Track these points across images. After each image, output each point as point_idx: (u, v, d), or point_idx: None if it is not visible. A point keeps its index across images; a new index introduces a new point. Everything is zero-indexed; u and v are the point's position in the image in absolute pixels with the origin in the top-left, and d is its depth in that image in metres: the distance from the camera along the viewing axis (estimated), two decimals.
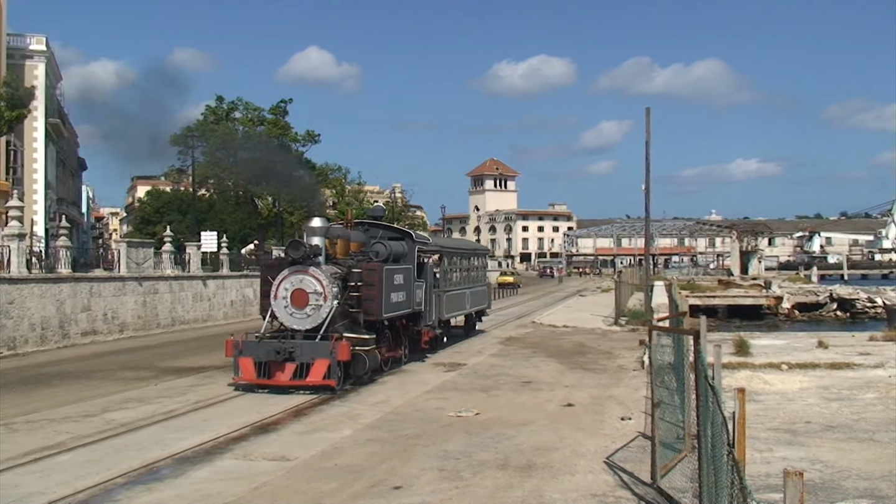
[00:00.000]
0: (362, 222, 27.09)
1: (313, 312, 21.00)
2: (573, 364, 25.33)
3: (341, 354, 20.00)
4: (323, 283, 21.07)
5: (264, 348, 20.42)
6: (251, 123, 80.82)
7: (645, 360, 22.95)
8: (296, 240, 22.26)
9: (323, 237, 22.21)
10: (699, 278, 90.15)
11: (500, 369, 24.25)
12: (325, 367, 19.88)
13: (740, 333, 29.46)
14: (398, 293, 23.67)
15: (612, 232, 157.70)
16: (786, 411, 16.77)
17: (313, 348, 20.23)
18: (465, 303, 32.40)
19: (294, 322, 21.10)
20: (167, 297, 39.38)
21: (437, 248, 28.71)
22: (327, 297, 21.00)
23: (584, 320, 41.14)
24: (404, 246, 25.56)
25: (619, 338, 33.40)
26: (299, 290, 21.06)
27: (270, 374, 20.26)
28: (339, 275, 21.91)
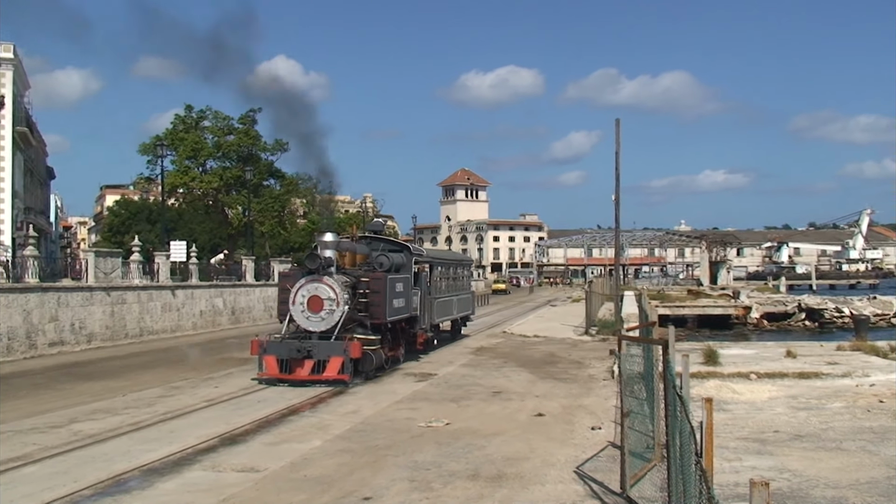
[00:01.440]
0: (365, 236, 30.44)
1: (327, 316, 24.02)
2: (544, 374, 25.37)
3: (354, 352, 23.07)
4: (336, 290, 24.17)
5: (286, 347, 23.43)
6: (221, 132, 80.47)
7: (615, 370, 23.02)
8: (313, 252, 25.26)
9: (334, 250, 25.38)
10: (669, 288, 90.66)
11: (470, 379, 24.25)
12: (340, 363, 22.96)
13: (709, 343, 29.58)
14: (399, 299, 26.75)
15: (583, 242, 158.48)
16: (755, 420, 16.87)
17: (329, 347, 23.23)
18: (453, 309, 36.00)
19: (310, 324, 24.14)
20: (135, 307, 39.09)
21: (429, 259, 31.84)
22: (339, 303, 24.08)
23: (555, 330, 41.23)
24: (403, 257, 28.82)
25: (590, 347, 33.49)
26: (315, 297, 24.12)
27: (291, 370, 23.21)
28: (349, 283, 25.05)
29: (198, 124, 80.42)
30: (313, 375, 23.01)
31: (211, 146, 79.52)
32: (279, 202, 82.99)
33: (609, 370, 25.11)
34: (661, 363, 10.82)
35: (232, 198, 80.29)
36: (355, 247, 27.69)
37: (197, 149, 78.02)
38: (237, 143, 79.36)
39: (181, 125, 79.76)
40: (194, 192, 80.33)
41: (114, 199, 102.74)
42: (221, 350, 34.18)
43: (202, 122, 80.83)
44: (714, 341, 33.50)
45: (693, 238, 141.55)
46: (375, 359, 24.35)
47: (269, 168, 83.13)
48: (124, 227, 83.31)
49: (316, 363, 23.17)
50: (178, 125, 79.83)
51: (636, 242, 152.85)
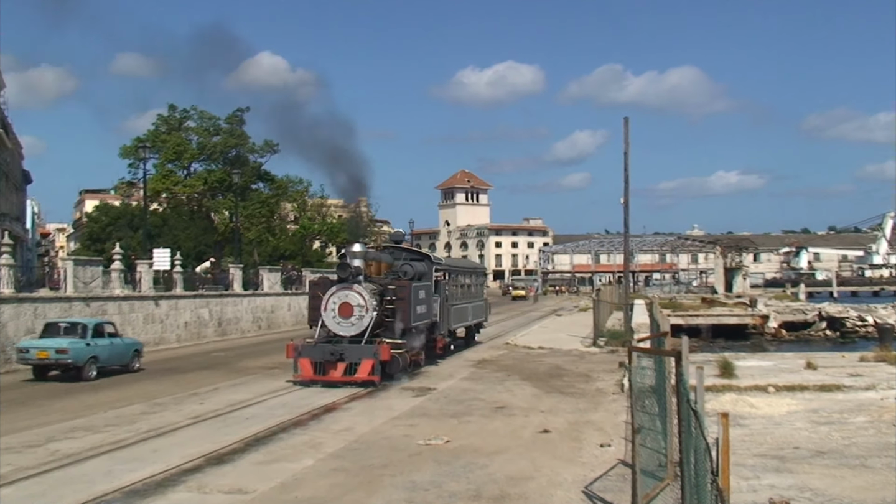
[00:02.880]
0: (388, 245, 34.26)
1: (357, 321, 27.03)
2: (549, 388, 25.35)
3: (383, 355, 26.10)
4: (365, 297, 27.20)
5: (319, 350, 26.52)
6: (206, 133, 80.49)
7: (625, 383, 23.00)
8: (343, 262, 28.53)
9: (363, 259, 28.46)
10: (681, 296, 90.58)
11: (471, 394, 24.23)
12: (371, 365, 25.92)
13: (725, 354, 29.58)
14: (421, 306, 29.94)
15: (590, 248, 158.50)
16: (773, 436, 16.85)
17: (360, 350, 26.33)
18: (468, 315, 39.38)
19: (341, 329, 27.08)
20: (116, 318, 39.00)
21: (447, 267, 35.45)
22: (368, 309, 27.09)
23: (561, 341, 41.20)
24: (424, 266, 32.44)
25: (598, 360, 33.47)
26: (345, 304, 27.16)
27: (325, 372, 26.20)
28: (376, 291, 28.01)
29: (181, 125, 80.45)
30: (346, 377, 25.95)
31: (195, 148, 79.54)
32: (268, 207, 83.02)
33: (618, 383, 25.09)
34: (674, 376, 10.79)
35: (218, 202, 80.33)
36: (381, 256, 30.89)
37: (180, 151, 78.05)
38: (223, 143, 79.38)
39: (164, 126, 79.78)
40: (178, 196, 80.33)
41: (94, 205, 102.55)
42: (207, 364, 34.17)
43: (186, 122, 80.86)
44: (730, 352, 33.48)
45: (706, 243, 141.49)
46: (402, 362, 27.31)
47: (257, 170, 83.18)
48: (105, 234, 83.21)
49: (348, 365, 26.14)
50: (161, 126, 79.85)
51: (646, 248, 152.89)
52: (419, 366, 30.43)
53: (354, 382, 25.84)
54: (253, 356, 37.31)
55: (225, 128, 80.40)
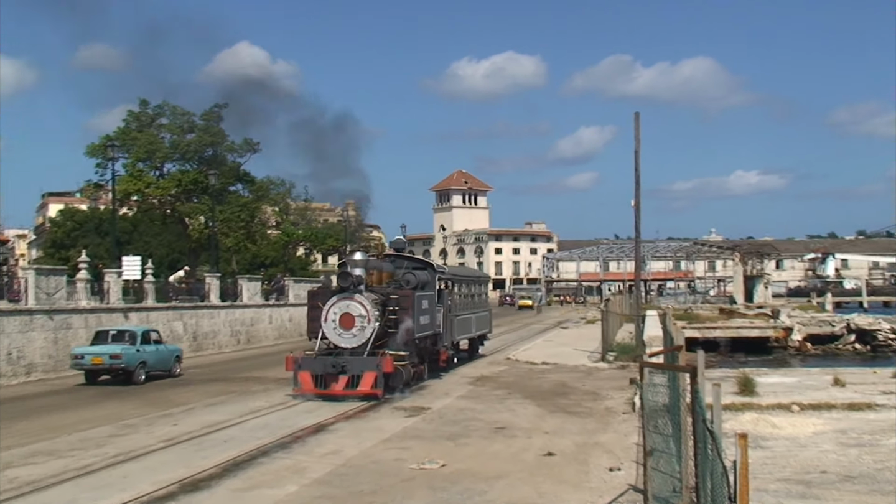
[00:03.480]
0: (389, 254, 35.63)
1: (359, 333, 28.19)
2: (554, 407, 25.34)
3: (386, 367, 27.24)
4: (367, 307, 28.40)
5: (320, 363, 27.69)
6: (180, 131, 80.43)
7: (636, 402, 23.00)
8: (344, 271, 29.71)
9: (364, 268, 29.58)
10: (697, 307, 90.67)
11: (469, 413, 24.23)
12: (373, 378, 27.04)
13: (744, 370, 29.58)
14: (424, 316, 31.27)
15: (598, 254, 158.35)
16: (797, 459, 16.84)
17: (362, 362, 27.45)
18: (472, 327, 40.60)
19: (342, 341, 28.24)
20: (82, 332, 38.98)
21: (450, 276, 36.84)
22: (370, 320, 28.30)
23: (567, 356, 41.21)
24: (427, 275, 33.28)
25: (607, 376, 33.48)
26: (347, 314, 28.33)
27: (326, 385, 27.31)
28: (378, 301, 29.28)
29: (153, 121, 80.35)
30: (348, 390, 27.09)
31: (168, 146, 79.46)
32: (247, 210, 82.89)
33: (629, 402, 25.08)
34: (689, 393, 10.79)
35: (193, 206, 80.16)
36: (382, 265, 32.22)
37: (152, 150, 77.92)
38: (198, 142, 79.28)
39: (134, 122, 79.66)
40: (150, 199, 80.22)
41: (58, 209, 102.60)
42: (181, 382, 34.13)
43: (158, 118, 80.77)
44: (750, 368, 33.50)
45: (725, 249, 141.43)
46: (405, 374, 28.61)
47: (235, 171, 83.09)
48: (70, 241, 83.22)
49: (350, 378, 27.26)
50: (131, 122, 79.74)
51: (659, 254, 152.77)
52: (422, 379, 31.58)
53: (356, 396, 27.00)
54: (231, 373, 37.28)
55: (200, 125, 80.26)
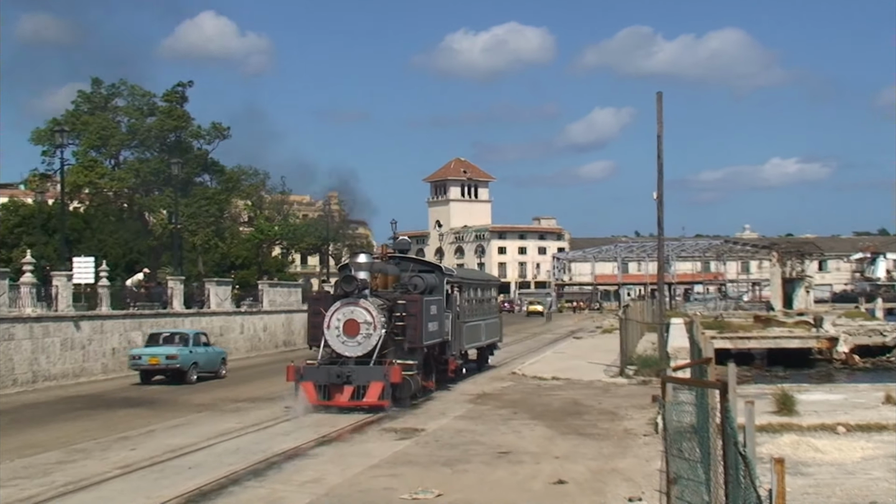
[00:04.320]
0: (394, 256, 36.31)
1: (364, 340, 29.58)
2: (566, 428, 25.35)
3: (394, 377, 28.62)
4: (372, 313, 29.71)
5: (324, 373, 29.12)
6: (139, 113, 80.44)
7: (659, 423, 23.00)
8: (348, 275, 30.77)
9: (369, 271, 30.85)
10: (729, 314, 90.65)
11: (469, 436, 24.22)
12: (380, 388, 28.48)
13: (783, 386, 29.56)
14: (433, 323, 32.48)
15: (616, 254, 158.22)
16: (844, 488, 16.84)
17: (368, 372, 28.92)
18: (481, 334, 42.08)
19: (346, 349, 29.67)
20: (26, 344, 38.98)
21: (458, 280, 38.32)
22: (376, 327, 29.61)
23: (580, 370, 41.21)
24: (435, 278, 34.82)
25: (626, 393, 33.49)
26: (351, 321, 29.65)
27: (330, 396, 28.89)
28: (384, 306, 30.59)
29: (108, 103, 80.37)
30: (353, 401, 28.63)
31: (125, 132, 79.45)
32: (216, 204, 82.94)
33: (651, 423, 25.09)
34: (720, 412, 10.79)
35: (154, 199, 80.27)
36: (387, 268, 33.48)
37: (106, 135, 77.91)
38: (159, 126, 79.29)
39: (86, 104, 79.70)
40: (104, 192, 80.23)
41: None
42: (140, 400, 34.11)
43: (114, 100, 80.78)
44: (789, 383, 33.48)
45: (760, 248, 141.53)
46: (413, 385, 30.12)
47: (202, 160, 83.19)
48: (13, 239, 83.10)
49: (356, 389, 28.79)
50: (83, 104, 79.77)
51: (686, 254, 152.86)
52: (429, 391, 33.18)
53: (362, 408, 28.59)
54: (197, 390, 37.25)
55: (162, 107, 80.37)
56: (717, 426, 10.87)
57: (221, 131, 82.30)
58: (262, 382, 38.88)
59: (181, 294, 53.43)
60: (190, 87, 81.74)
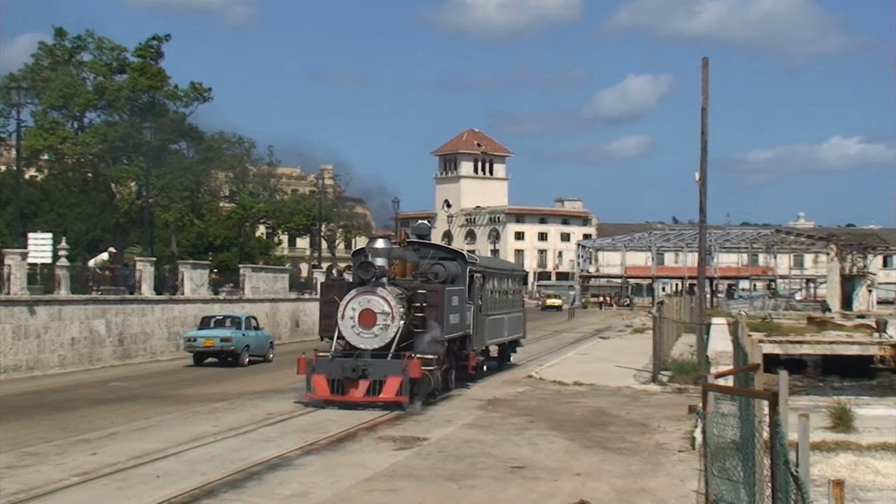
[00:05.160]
0: (412, 241, 37.30)
1: (381, 332, 31.11)
2: (588, 441, 25.34)
3: (413, 372, 30.14)
4: (391, 303, 31.21)
5: (338, 366, 30.77)
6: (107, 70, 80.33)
7: (697, 437, 22.97)
8: (366, 261, 32.30)
9: (387, 258, 32.42)
10: (779, 314, 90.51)
11: (477, 447, 24.22)
12: (398, 384, 30.04)
13: (839, 398, 29.50)
14: (454, 315, 34.02)
15: (650, 243, 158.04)
16: None
17: (385, 366, 30.55)
18: (503, 329, 43.85)
19: (361, 341, 31.28)
20: None
21: (482, 269, 39.73)
22: (394, 317, 31.14)
23: (606, 375, 41.20)
24: (457, 266, 36.33)
25: (659, 402, 33.47)
26: (367, 311, 31.17)
27: (344, 391, 30.58)
28: (403, 296, 32.09)
29: (72, 57, 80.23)
30: (368, 397, 30.38)
31: (91, 91, 79.33)
32: (193, 176, 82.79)
33: (688, 437, 25.08)
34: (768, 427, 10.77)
35: (122, 169, 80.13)
36: (405, 254, 34.80)
37: (70, 94, 77.77)
38: (130, 85, 79.18)
39: (47, 58, 79.55)
40: (66, 159, 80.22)
41: None
42: (102, 398, 34.16)
43: (79, 54, 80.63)
44: (846, 395, 33.44)
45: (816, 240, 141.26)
46: (433, 381, 31.60)
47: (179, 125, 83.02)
48: None
49: (371, 383, 30.37)
50: (43, 58, 79.63)
51: (731, 245, 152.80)
52: (448, 389, 34.82)
53: (377, 404, 30.41)
54: (168, 388, 37.31)
55: (134, 63, 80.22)
56: (765, 442, 10.85)
57: (201, 93, 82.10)
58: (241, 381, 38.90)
59: (151, 278, 53.44)
60: (167, 41, 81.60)
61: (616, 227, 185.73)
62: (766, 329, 63.49)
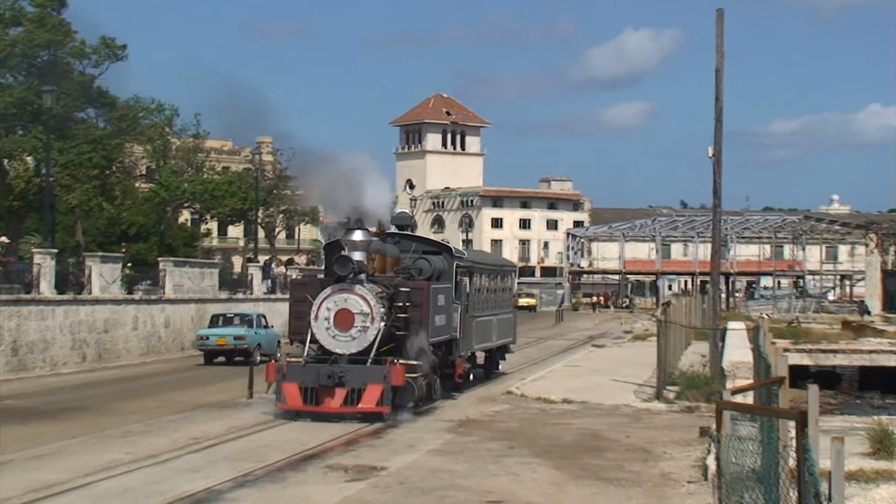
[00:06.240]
0: (391, 233, 38.49)
1: (359, 335, 32.52)
2: (580, 470, 25.39)
3: (396, 379, 31.57)
4: (370, 302, 32.61)
5: (311, 373, 32.07)
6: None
7: (710, 465, 23.04)
8: (343, 255, 33.50)
9: (365, 252, 33.76)
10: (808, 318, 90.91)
11: (446, 478, 24.21)
12: (379, 392, 31.47)
13: (880, 418, 29.65)
14: (440, 316, 35.68)
15: (654, 231, 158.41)
16: None
17: (364, 373, 31.98)
18: (492, 333, 45.47)
19: (337, 345, 32.69)
20: None
21: (470, 264, 41.74)
22: (374, 318, 32.53)
23: (602, 390, 41.32)
24: (443, 261, 38.24)
25: (664, 423, 33.57)
26: (344, 311, 32.51)
27: (318, 401, 31.86)
28: (384, 294, 33.71)
29: None
30: (346, 407, 31.79)
31: None
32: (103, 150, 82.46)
33: (699, 465, 25.15)
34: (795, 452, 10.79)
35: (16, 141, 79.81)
36: (385, 248, 36.32)
37: None
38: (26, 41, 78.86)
39: None
40: None
41: None
42: None
43: None
44: (890, 415, 33.60)
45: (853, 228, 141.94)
46: (417, 390, 33.10)
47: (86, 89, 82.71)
48: None
49: (349, 392, 31.75)
50: None
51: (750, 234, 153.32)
52: (432, 399, 36.39)
53: (356, 415, 31.98)
54: (72, 406, 37.21)
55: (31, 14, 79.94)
56: (791, 471, 10.88)
57: (114, 50, 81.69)
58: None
59: (52, 273, 53.29)
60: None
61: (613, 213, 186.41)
62: (792, 335, 63.79)
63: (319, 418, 31.59)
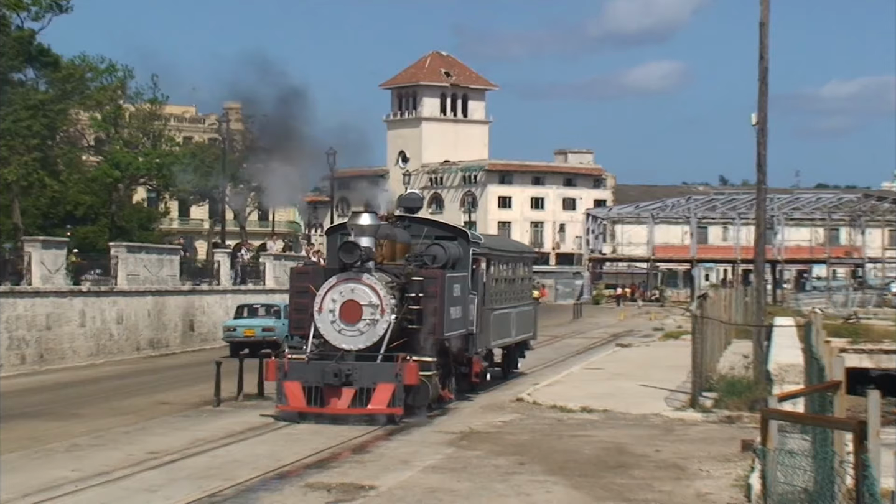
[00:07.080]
0: (401, 216, 39.91)
1: (368, 329, 33.67)
2: (602, 490, 25.42)
3: (409, 378, 32.69)
4: (380, 293, 33.69)
5: (316, 370, 33.26)
6: None
7: (753, 484, 23.09)
8: (349, 241, 34.24)
9: (373, 238, 34.76)
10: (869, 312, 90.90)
11: (445, 498, 24.22)
12: (390, 392, 32.62)
13: None
14: (455, 307, 36.63)
15: (689, 212, 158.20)
16: None
17: (374, 371, 33.14)
18: (511, 327, 46.89)
19: (344, 340, 33.87)
20: None
21: (487, 251, 42.86)
22: (384, 311, 33.57)
23: (627, 397, 41.34)
24: (458, 248, 39.20)
25: (700, 435, 33.60)
26: (351, 302, 33.65)
27: (324, 401, 32.99)
28: (395, 284, 34.86)
29: None
30: (354, 408, 32.95)
31: None
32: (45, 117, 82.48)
33: (741, 483, 25.20)
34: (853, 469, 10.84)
35: None
36: (395, 233, 37.51)
37: None
38: None
39: None
40: None
41: None
42: None
43: None
44: None
45: None
46: (431, 390, 34.45)
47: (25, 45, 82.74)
48: None
49: (357, 392, 32.93)
50: None
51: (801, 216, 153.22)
52: (447, 400, 38.00)
53: (365, 416, 33.10)
54: (9, 416, 37.26)
55: None
56: (849, 490, 10.94)
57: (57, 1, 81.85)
58: (113, 403, 38.22)
59: None
60: None
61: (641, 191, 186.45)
62: (850, 334, 63.96)
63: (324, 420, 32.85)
